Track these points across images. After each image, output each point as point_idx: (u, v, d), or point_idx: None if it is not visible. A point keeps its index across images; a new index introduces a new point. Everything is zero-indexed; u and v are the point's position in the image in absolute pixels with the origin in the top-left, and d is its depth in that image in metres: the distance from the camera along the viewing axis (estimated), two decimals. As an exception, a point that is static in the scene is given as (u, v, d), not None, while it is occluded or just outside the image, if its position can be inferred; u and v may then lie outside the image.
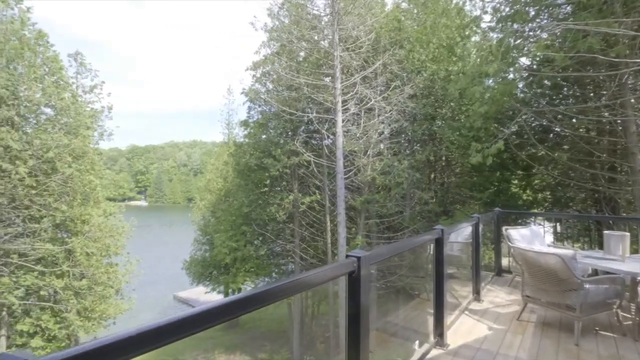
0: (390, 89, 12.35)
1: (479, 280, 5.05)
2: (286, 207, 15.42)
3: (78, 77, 17.88)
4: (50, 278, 13.23)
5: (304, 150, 13.45)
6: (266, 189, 17.84)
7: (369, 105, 12.00)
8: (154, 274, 38.51)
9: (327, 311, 19.51)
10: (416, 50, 12.57)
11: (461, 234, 5.38)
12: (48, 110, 14.17)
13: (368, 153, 12.87)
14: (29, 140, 12.46)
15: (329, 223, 14.95)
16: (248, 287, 21.02)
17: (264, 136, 16.61)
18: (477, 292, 4.96)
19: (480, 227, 4.99)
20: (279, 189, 17.71)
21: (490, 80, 9.83)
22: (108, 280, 16.31)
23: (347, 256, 2.17)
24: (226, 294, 23.31)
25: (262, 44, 15.30)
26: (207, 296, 27.63)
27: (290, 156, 14.60)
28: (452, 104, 12.95)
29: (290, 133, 16.18)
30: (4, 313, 13.43)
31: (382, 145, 14.30)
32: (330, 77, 12.70)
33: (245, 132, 17.16)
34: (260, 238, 18.84)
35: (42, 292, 13.57)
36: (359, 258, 2.11)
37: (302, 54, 15.02)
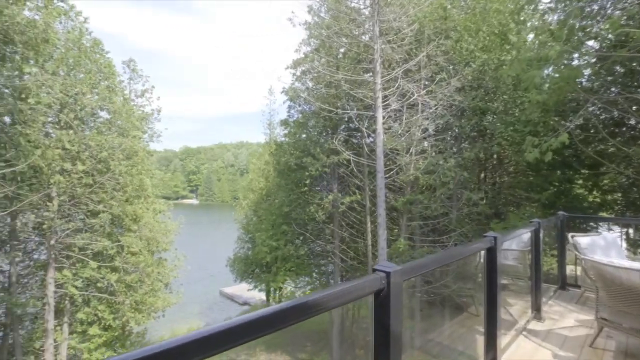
0: (435, 82, 11.57)
1: (539, 294, 4.35)
2: (326, 207, 15.15)
3: (131, 82, 19.05)
4: (105, 271, 14.09)
5: (343, 149, 13.08)
6: (306, 188, 17.72)
7: (411, 100, 11.33)
8: (202, 269, 40.27)
9: (368, 314, 18.94)
10: (464, 39, 11.66)
11: (518, 240, 4.71)
12: (103, 113, 15.14)
13: (411, 151, 12.17)
14: (86, 141, 13.32)
15: (369, 224, 14.43)
16: (289, 287, 21.06)
17: (303, 135, 16.49)
18: (537, 309, 4.27)
19: (541, 233, 4.31)
20: (318, 188, 17.50)
21: (550, 68, 8.77)
22: (158, 275, 17.15)
23: (373, 270, 1.78)
24: (267, 292, 23.64)
25: (302, 41, 15.17)
26: (250, 293, 28.18)
27: (330, 155, 14.31)
28: (505, 96, 11.86)
29: (330, 131, 15.89)
30: (66, 302, 14.53)
31: (426, 143, 13.50)
32: (370, 72, 12.20)
33: (285, 132, 17.15)
34: (301, 238, 18.76)
35: (98, 284, 14.51)
36: (388, 273, 1.71)
37: (341, 50, 14.66)
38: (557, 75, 8.25)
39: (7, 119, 11.70)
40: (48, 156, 10.97)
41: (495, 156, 14.15)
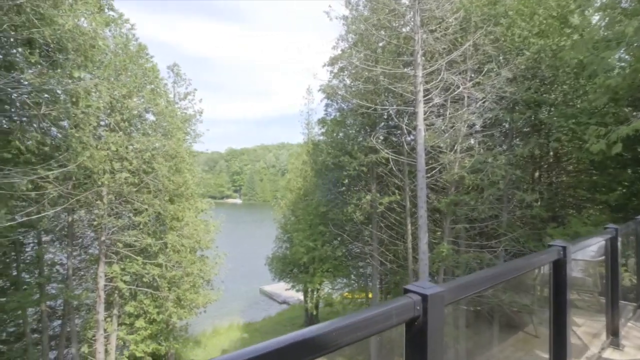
0: (483, 73, 10.65)
1: (616, 314, 3.62)
2: (364, 207, 14.64)
3: (175, 86, 19.81)
4: (150, 267, 14.65)
5: (382, 147, 12.51)
6: (344, 188, 17.29)
7: (456, 93, 10.51)
8: (244, 267, 41.20)
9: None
10: (516, 25, 10.61)
11: (586, 249, 3.98)
12: (149, 116, 15.78)
13: (455, 148, 11.34)
14: (132, 143, 13.93)
15: (409, 226, 13.71)
16: (326, 288, 20.76)
17: (341, 134, 16.09)
18: (614, 333, 3.54)
19: (619, 241, 3.57)
20: (357, 188, 17.02)
21: (622, 50, 7.62)
22: (199, 272, 17.62)
23: (404, 291, 1.36)
24: (305, 293, 23.49)
25: (340, 37, 14.77)
26: (289, 292, 28.28)
27: (368, 154, 13.79)
28: (564, 86, 10.65)
29: (368, 129, 15.35)
30: (115, 295, 15.32)
31: (472, 140, 12.55)
32: (410, 66, 11.54)
33: (322, 130, 16.85)
34: (339, 239, 18.38)
35: (144, 279, 15.13)
36: (424, 297, 1.28)
37: (380, 44, 14.08)
38: (629, 57, 7.15)
39: (65, 123, 12.52)
40: (98, 157, 11.54)
41: (551, 153, 12.84)
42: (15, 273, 12.80)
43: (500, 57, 10.68)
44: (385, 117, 15.47)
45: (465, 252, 11.69)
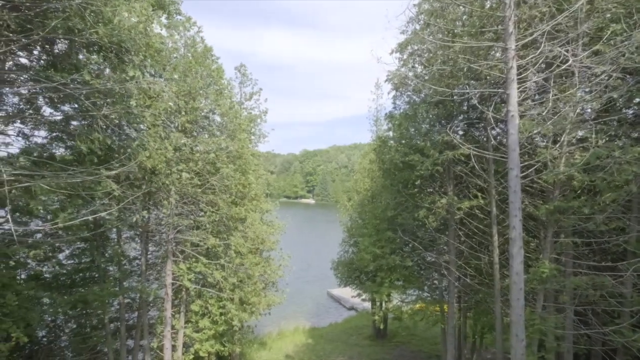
0: (603, 39, 8.05)
1: None
2: (438, 212, 12.63)
3: (242, 86, 19.92)
4: (214, 267, 14.61)
5: (461, 142, 10.47)
6: (416, 190, 15.35)
7: (562, 69, 8.10)
8: (314, 268, 40.98)
9: (494, 344, 15.49)
10: (655, -30, 7.81)
11: None
12: (215, 117, 15.83)
13: (561, 140, 8.86)
14: (196, 144, 13.97)
15: (496, 236, 11.36)
16: (395, 300, 18.89)
17: (411, 129, 14.22)
18: None
19: None
20: (430, 190, 14.94)
21: None
22: (264, 273, 17.31)
23: None
24: (373, 302, 21.88)
25: (410, 19, 13.01)
26: (354, 299, 26.85)
27: (444, 150, 11.79)
28: None
29: (443, 122, 13.27)
30: (183, 293, 15.65)
31: (580, 132, 9.81)
32: (498, 40, 9.36)
33: (390, 126, 15.14)
34: (410, 245, 16.45)
35: (208, 279, 15.17)
36: None
37: (459, 22, 11.99)
38: None
39: (142, 127, 12.98)
40: (157, 157, 11.60)
41: None
42: (101, 266, 13.54)
43: (632, 15, 7.94)
44: (465, 107, 13.25)
45: (575, 274, 9.08)
